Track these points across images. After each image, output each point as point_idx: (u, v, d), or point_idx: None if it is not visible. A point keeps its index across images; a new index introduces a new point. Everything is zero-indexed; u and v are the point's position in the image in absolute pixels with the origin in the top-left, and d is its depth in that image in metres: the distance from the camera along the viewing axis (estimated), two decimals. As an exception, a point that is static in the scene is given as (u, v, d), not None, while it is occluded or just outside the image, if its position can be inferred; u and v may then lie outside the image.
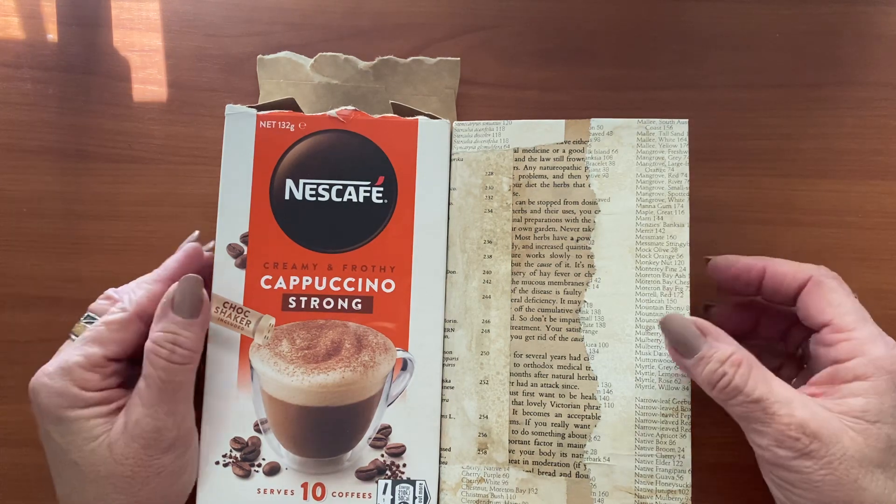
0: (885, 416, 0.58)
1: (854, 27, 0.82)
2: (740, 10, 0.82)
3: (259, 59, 0.80)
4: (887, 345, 0.61)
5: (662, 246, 0.70)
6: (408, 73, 0.80)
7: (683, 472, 0.68)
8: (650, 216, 0.71)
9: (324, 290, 0.70)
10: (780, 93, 0.81)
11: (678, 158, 0.71)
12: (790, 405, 0.59)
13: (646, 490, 0.68)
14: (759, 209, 0.79)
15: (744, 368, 0.61)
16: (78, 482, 0.62)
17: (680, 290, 0.69)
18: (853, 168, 0.79)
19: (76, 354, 0.63)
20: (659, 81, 0.82)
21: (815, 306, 0.64)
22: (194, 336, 0.65)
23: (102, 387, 0.64)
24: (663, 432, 0.68)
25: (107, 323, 0.65)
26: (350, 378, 0.68)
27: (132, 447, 0.62)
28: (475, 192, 0.72)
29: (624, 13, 0.83)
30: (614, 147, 0.72)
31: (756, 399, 0.59)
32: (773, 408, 0.59)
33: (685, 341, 0.63)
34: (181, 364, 0.64)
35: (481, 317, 0.71)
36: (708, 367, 0.61)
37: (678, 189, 0.71)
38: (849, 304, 0.64)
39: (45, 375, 0.62)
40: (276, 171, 0.71)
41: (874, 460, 0.57)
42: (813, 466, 0.57)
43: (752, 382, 0.60)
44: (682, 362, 0.64)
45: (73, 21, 0.83)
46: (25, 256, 0.79)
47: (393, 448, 0.69)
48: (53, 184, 0.79)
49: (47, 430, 0.63)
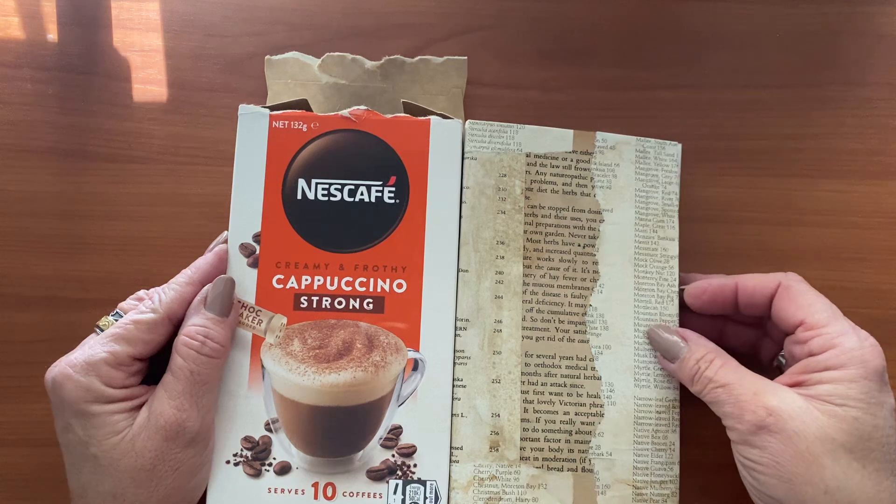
0: (853, 400, 0.60)
1: (854, 27, 0.82)
2: (740, 10, 0.83)
3: (267, 59, 0.80)
4: (860, 337, 0.63)
5: (657, 257, 0.74)
6: (415, 72, 0.80)
7: (674, 463, 0.72)
8: (647, 229, 0.74)
9: (335, 289, 0.70)
10: (780, 93, 0.81)
11: (670, 178, 0.74)
12: (755, 388, 0.63)
13: (642, 481, 0.71)
14: (759, 209, 0.80)
15: (715, 363, 0.66)
16: (96, 475, 0.62)
17: (671, 299, 0.73)
18: (853, 168, 0.80)
19: (103, 351, 0.63)
20: (659, 81, 0.82)
21: (787, 309, 0.66)
22: (225, 333, 0.66)
23: (126, 384, 0.64)
24: (657, 428, 0.72)
25: (136, 322, 0.65)
26: (361, 378, 0.68)
27: (154, 440, 0.62)
28: (488, 192, 0.72)
29: (624, 13, 0.83)
30: (616, 161, 0.74)
31: (723, 384, 0.65)
32: (738, 390, 0.64)
33: (668, 348, 0.71)
34: (211, 357, 0.65)
35: (493, 316, 0.71)
36: (687, 366, 0.68)
37: (670, 206, 0.74)
38: (819, 302, 0.66)
39: (70, 368, 0.62)
40: (289, 170, 0.71)
41: (840, 442, 0.59)
42: (772, 441, 0.60)
43: (722, 373, 0.65)
44: (668, 366, 0.71)
45: (73, 21, 0.82)
46: (25, 256, 0.78)
47: (404, 448, 0.69)
48: (53, 184, 0.79)
49: (69, 422, 0.62)
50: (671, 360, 0.70)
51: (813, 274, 0.70)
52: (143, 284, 0.72)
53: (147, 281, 0.74)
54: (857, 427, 0.59)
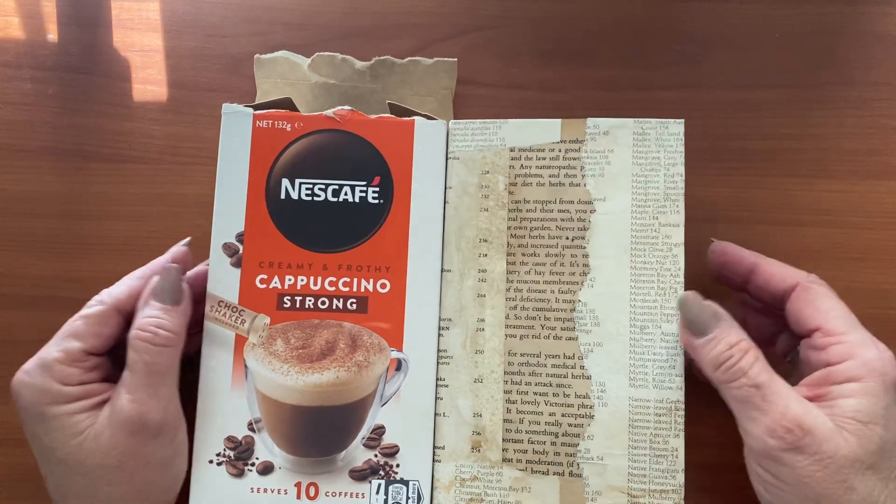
0: (877, 417, 0.58)
1: (854, 27, 0.81)
2: (740, 10, 0.82)
3: (256, 58, 0.80)
4: (878, 349, 0.61)
5: (657, 246, 0.70)
6: (405, 73, 0.80)
7: (676, 471, 0.67)
8: (645, 216, 0.70)
9: (319, 289, 0.70)
10: (780, 93, 0.81)
11: (674, 158, 0.70)
12: (787, 398, 0.59)
13: (639, 490, 0.67)
14: (759, 209, 0.79)
15: (750, 355, 0.62)
16: (68, 479, 0.63)
17: (674, 290, 0.69)
18: (853, 168, 0.79)
19: (54, 350, 0.63)
20: (659, 81, 0.82)
21: (805, 311, 0.65)
22: (177, 321, 0.66)
23: (83, 381, 0.64)
24: (657, 432, 0.68)
25: (84, 316, 0.65)
26: (344, 378, 0.68)
27: (118, 437, 0.62)
28: (471, 190, 0.72)
29: (624, 13, 0.83)
30: (610, 147, 0.71)
31: (757, 384, 0.60)
32: (771, 397, 0.59)
33: (700, 321, 0.65)
34: (164, 346, 0.64)
35: (476, 315, 0.71)
36: (717, 348, 0.63)
37: (674, 189, 0.70)
38: (838, 309, 0.64)
39: (23, 373, 0.63)
40: (273, 170, 0.71)
41: (865, 462, 0.58)
42: (803, 462, 0.58)
43: (756, 369, 0.61)
44: (690, 342, 0.65)
45: (73, 21, 0.83)
46: (25, 256, 0.79)
47: (386, 448, 0.69)
48: (53, 184, 0.80)
49: (34, 431, 0.63)
50: (697, 335, 0.65)
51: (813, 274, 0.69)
52: (143, 284, 0.73)
53: (147, 280, 0.76)
54: (881, 445, 0.58)
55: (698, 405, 0.67)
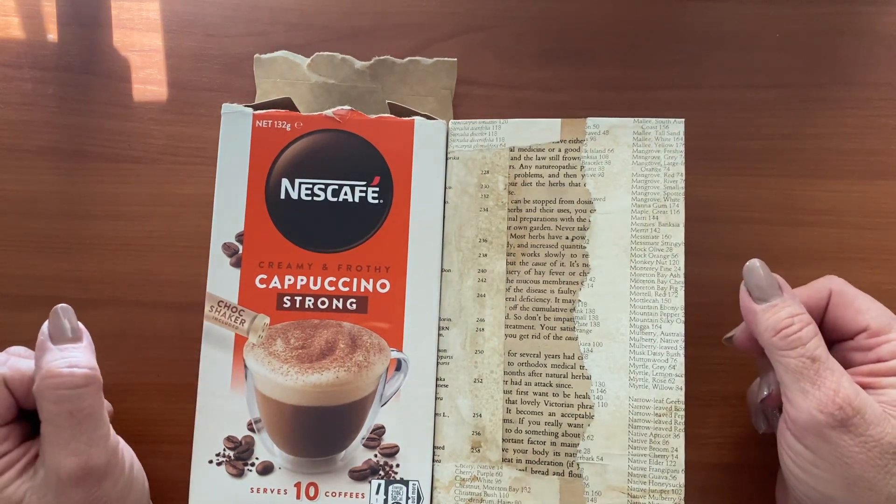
0: None
1: (854, 27, 0.81)
2: (740, 10, 0.82)
3: (256, 58, 0.80)
4: None
5: (657, 245, 0.70)
6: (404, 73, 0.80)
7: (677, 471, 0.67)
8: (645, 215, 0.70)
9: (318, 289, 0.70)
10: (780, 93, 0.80)
11: (674, 158, 0.71)
12: (841, 377, 0.60)
13: (639, 490, 0.67)
14: (759, 209, 0.79)
15: (810, 329, 0.62)
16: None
17: (675, 290, 0.69)
18: (853, 168, 0.79)
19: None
20: (659, 81, 0.81)
21: (845, 315, 0.65)
22: (88, 356, 0.62)
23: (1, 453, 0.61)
24: (657, 432, 0.68)
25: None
26: (344, 378, 0.68)
27: (66, 493, 0.59)
28: (471, 190, 0.72)
29: (624, 13, 0.83)
30: (610, 146, 0.71)
31: (813, 357, 0.60)
32: (826, 373, 0.60)
33: (764, 287, 0.65)
34: (84, 386, 0.60)
35: (476, 315, 0.71)
36: (778, 315, 0.63)
37: (674, 188, 0.70)
38: (876, 307, 0.65)
39: None
40: (272, 170, 0.71)
41: None
42: (848, 441, 0.58)
43: (814, 342, 0.61)
44: (750, 306, 0.65)
45: (73, 21, 0.83)
46: (25, 256, 0.79)
47: (386, 448, 0.69)
48: (53, 184, 0.80)
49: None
50: (759, 300, 0.64)
51: (813, 274, 0.69)
52: (144, 284, 0.74)
53: (147, 281, 0.76)
54: None
55: (698, 405, 0.67)
